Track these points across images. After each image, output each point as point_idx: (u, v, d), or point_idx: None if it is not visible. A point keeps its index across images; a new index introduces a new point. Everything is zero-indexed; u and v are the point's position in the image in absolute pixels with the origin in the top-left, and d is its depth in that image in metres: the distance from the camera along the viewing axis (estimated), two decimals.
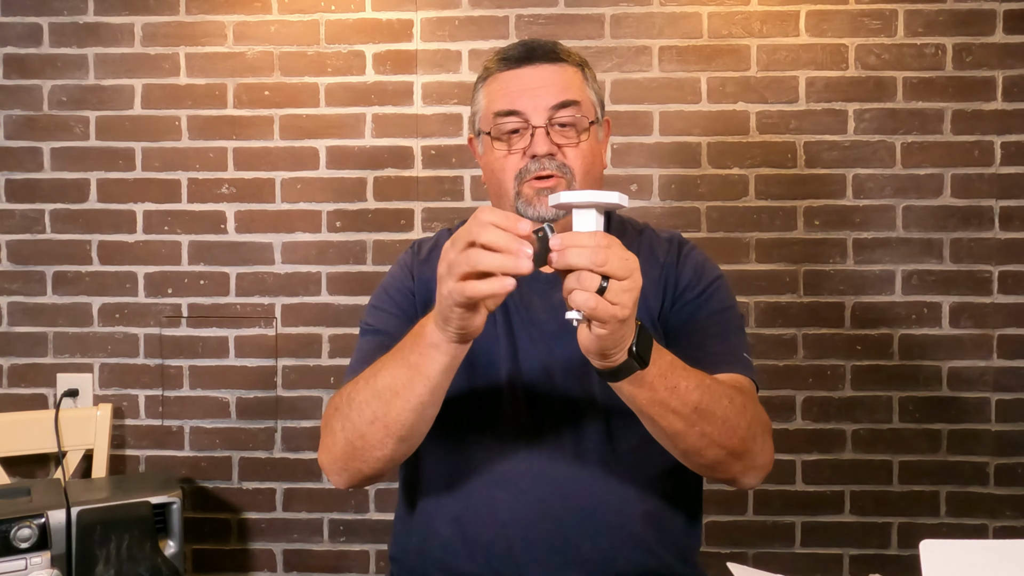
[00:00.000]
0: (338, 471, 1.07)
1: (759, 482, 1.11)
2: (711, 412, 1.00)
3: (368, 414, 1.01)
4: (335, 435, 1.05)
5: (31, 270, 2.06)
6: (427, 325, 0.95)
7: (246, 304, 2.06)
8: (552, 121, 1.14)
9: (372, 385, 1.01)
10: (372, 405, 1.01)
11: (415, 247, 1.29)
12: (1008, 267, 1.98)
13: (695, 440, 1.01)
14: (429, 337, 0.94)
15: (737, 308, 1.23)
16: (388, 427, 1.00)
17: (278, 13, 2.03)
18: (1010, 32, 1.96)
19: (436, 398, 1.00)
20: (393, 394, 0.99)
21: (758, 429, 1.07)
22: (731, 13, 1.99)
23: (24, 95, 2.04)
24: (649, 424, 1.01)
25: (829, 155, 1.99)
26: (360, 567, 2.07)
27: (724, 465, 1.06)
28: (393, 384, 0.99)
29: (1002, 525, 2.00)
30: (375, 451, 1.03)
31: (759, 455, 1.08)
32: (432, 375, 0.96)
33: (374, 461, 1.04)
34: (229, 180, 2.05)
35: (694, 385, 0.99)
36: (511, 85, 1.16)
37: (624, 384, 0.94)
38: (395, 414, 0.99)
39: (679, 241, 1.27)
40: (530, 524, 1.11)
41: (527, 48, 1.17)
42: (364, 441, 1.02)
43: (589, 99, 1.18)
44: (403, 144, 2.02)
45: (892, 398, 2.00)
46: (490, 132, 1.17)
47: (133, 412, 2.07)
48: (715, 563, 1.87)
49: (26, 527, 1.54)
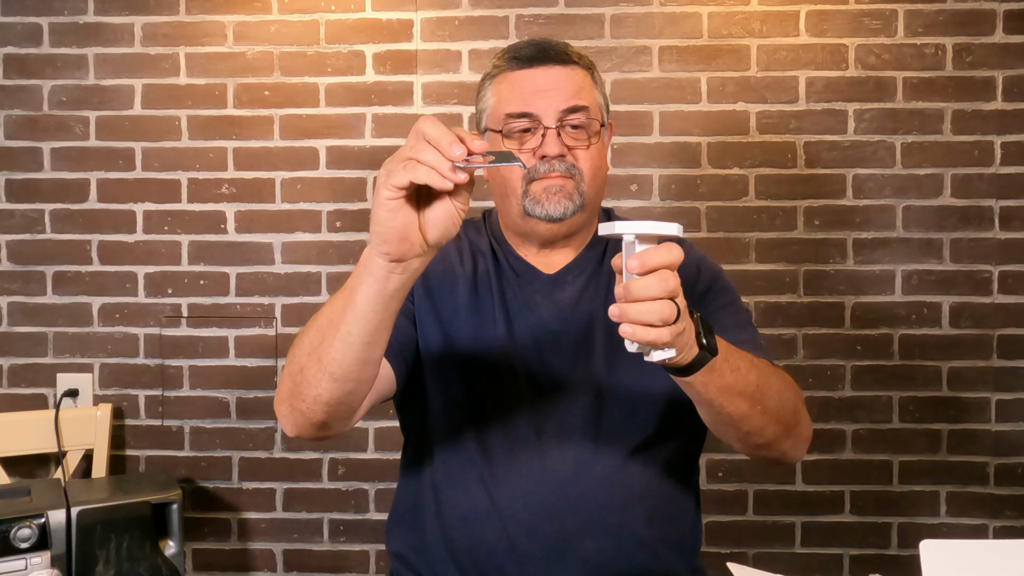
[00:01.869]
0: (285, 414, 1.03)
1: (803, 455, 1.13)
2: (768, 389, 1.02)
3: (307, 346, 0.97)
4: (283, 375, 1.02)
5: (31, 270, 2.06)
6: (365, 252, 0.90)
7: (246, 304, 2.06)
8: (563, 123, 1.14)
9: (315, 319, 0.98)
10: (310, 335, 0.97)
11: None
12: (1008, 267, 1.98)
13: (758, 419, 1.02)
14: (363, 258, 0.89)
15: (741, 299, 1.24)
16: (321, 360, 0.95)
17: (278, 13, 2.03)
18: (1010, 32, 1.96)
19: (367, 334, 0.92)
20: (328, 323, 0.94)
21: (800, 402, 1.10)
22: (731, 13, 1.99)
23: (24, 95, 2.04)
24: (716, 413, 1.00)
25: (829, 155, 1.99)
26: (360, 567, 2.07)
27: (779, 441, 1.07)
28: (330, 314, 0.94)
29: (1002, 525, 2.00)
30: (311, 388, 0.97)
31: (805, 428, 1.11)
32: (360, 303, 0.90)
33: (311, 401, 0.98)
34: (229, 180, 2.05)
35: (749, 364, 1.00)
36: (523, 85, 1.15)
37: (698, 377, 0.93)
38: (327, 345, 0.94)
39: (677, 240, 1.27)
40: (533, 524, 1.11)
41: (539, 48, 1.17)
42: (303, 376, 0.97)
43: (597, 103, 1.18)
44: (403, 144, 2.01)
45: (892, 398, 2.00)
46: (501, 131, 1.16)
47: (133, 412, 2.07)
48: (715, 563, 1.87)
49: (26, 527, 1.54)
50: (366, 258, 0.88)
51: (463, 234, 1.26)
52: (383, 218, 0.84)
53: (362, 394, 1.00)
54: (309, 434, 1.03)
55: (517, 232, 1.21)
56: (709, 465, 2.02)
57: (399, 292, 0.90)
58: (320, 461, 2.06)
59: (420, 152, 0.81)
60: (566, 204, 1.13)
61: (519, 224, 1.18)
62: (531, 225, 1.16)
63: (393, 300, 0.90)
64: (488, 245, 1.23)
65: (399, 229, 0.84)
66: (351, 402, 1.00)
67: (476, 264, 1.21)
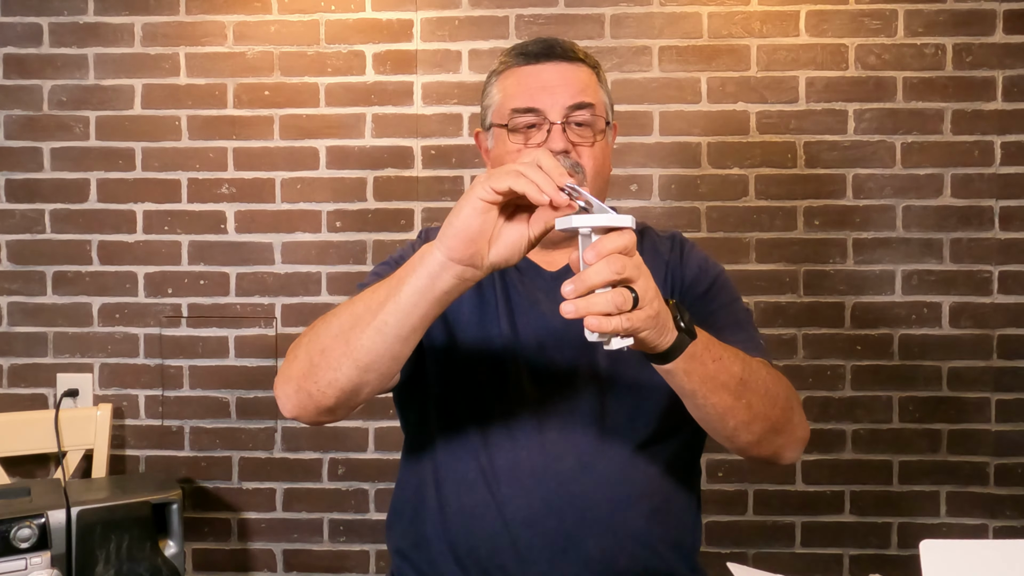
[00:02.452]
0: (289, 393, 1.02)
1: (799, 455, 1.12)
2: (754, 382, 1.01)
3: (335, 328, 0.97)
4: (297, 353, 1.01)
5: (31, 270, 2.06)
6: (425, 247, 0.91)
7: (246, 304, 2.06)
8: (568, 120, 1.14)
9: (350, 304, 0.98)
10: (341, 319, 0.97)
11: (423, 234, 1.29)
12: (1008, 267, 1.98)
13: (743, 414, 1.01)
14: (421, 252, 0.91)
15: (742, 300, 1.24)
16: (349, 344, 0.95)
17: (278, 13, 2.03)
18: (1010, 32, 1.96)
19: (403, 328, 0.93)
20: (366, 310, 0.94)
21: (794, 400, 1.09)
22: (731, 13, 1.99)
23: (24, 95, 2.05)
24: (700, 405, 1.00)
25: (829, 155, 1.99)
26: (360, 567, 2.07)
27: (768, 439, 1.06)
28: (369, 302, 0.94)
29: (1002, 525, 2.00)
30: (330, 372, 0.97)
31: (798, 427, 1.10)
32: (405, 294, 0.91)
33: (325, 384, 0.98)
34: (229, 180, 2.05)
35: (733, 355, 1.00)
36: (529, 81, 1.16)
37: (678, 363, 0.93)
38: (359, 331, 0.94)
39: (680, 239, 1.28)
40: (535, 522, 1.11)
41: (546, 45, 1.17)
42: (323, 357, 0.97)
43: (603, 101, 1.19)
44: (403, 144, 2.02)
45: (892, 398, 2.00)
46: (506, 125, 1.16)
47: (133, 412, 2.07)
48: (715, 563, 1.87)
49: (26, 527, 1.54)
50: (424, 252, 0.90)
51: None
52: (466, 214, 0.86)
53: (377, 387, 1.01)
54: (309, 417, 1.03)
55: None
56: (709, 465, 2.02)
57: (445, 296, 0.91)
58: (320, 461, 2.06)
59: (530, 170, 0.84)
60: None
61: None
62: None
63: (438, 302, 0.91)
64: None
65: (474, 231, 0.86)
66: (364, 392, 1.00)
67: None
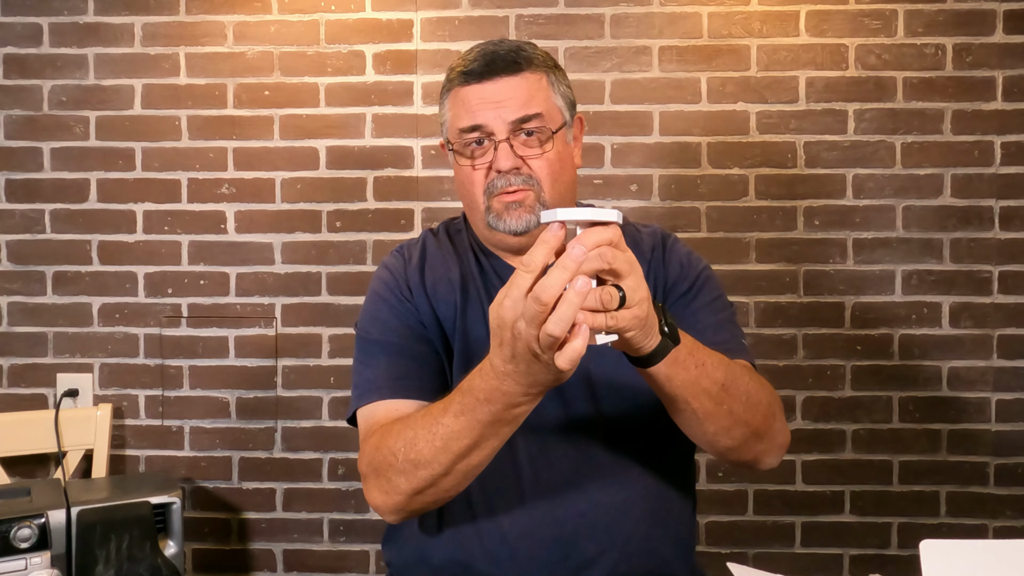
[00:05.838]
0: (397, 513, 1.06)
1: (778, 462, 1.12)
2: (736, 388, 1.01)
3: (439, 469, 0.99)
4: (397, 486, 1.03)
5: (31, 270, 2.06)
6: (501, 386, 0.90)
7: (246, 304, 2.06)
8: (515, 133, 1.13)
9: (444, 445, 0.98)
10: (442, 460, 0.98)
11: (403, 253, 1.27)
12: (1008, 267, 1.98)
13: (724, 419, 1.01)
14: (488, 394, 0.91)
15: (726, 297, 1.24)
16: (466, 474, 1.01)
17: (278, 13, 2.03)
18: (1010, 32, 1.96)
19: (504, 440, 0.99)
20: (471, 448, 0.97)
21: (776, 407, 1.09)
22: (731, 13, 1.99)
23: (24, 95, 2.04)
24: (681, 410, 1.01)
25: (829, 155, 1.99)
26: (360, 567, 2.07)
27: (748, 445, 1.06)
28: (471, 443, 0.97)
29: (1002, 525, 2.00)
30: (448, 493, 1.03)
31: (779, 433, 1.10)
32: (516, 425, 0.96)
33: (443, 500, 1.05)
34: (229, 180, 2.05)
35: (716, 361, 1.00)
36: (471, 100, 1.14)
37: (661, 368, 0.94)
38: (474, 465, 0.99)
39: (662, 235, 1.27)
40: (532, 533, 1.11)
41: (487, 61, 1.14)
42: (436, 487, 1.01)
43: (554, 105, 1.16)
44: (403, 144, 2.02)
45: (892, 398, 2.00)
46: (453, 147, 1.16)
47: (133, 412, 2.07)
48: (715, 563, 1.87)
49: (26, 527, 1.54)
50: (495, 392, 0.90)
51: (446, 236, 1.27)
52: (568, 372, 0.84)
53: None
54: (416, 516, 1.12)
55: (488, 242, 1.22)
56: (709, 465, 2.02)
57: (519, 419, 0.95)
58: (320, 461, 2.06)
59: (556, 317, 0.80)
60: (528, 218, 1.13)
61: (487, 236, 1.20)
62: (499, 237, 1.17)
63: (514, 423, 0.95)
64: (469, 246, 1.25)
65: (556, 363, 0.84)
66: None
67: (461, 266, 1.22)
